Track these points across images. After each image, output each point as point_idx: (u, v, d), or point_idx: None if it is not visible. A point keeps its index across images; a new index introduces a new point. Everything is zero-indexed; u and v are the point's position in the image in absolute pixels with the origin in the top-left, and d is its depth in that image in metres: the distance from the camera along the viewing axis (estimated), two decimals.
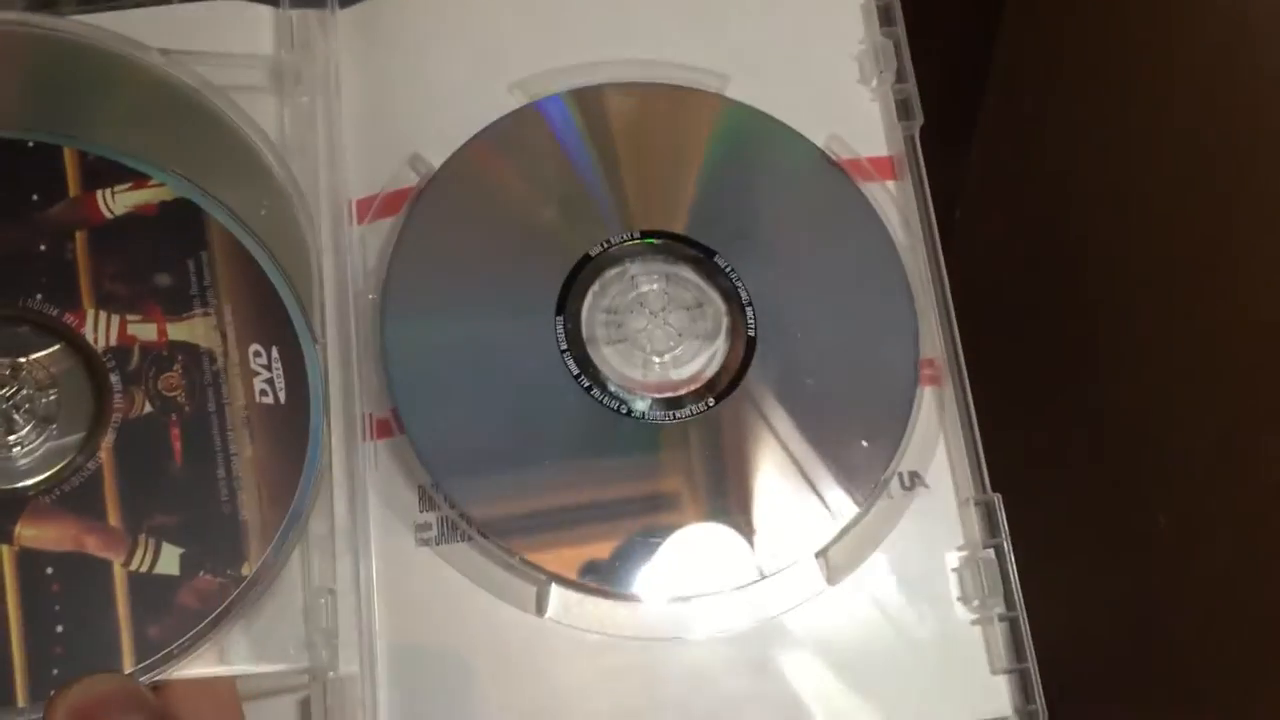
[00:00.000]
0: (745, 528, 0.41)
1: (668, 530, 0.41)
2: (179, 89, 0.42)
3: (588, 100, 0.45)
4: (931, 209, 0.45)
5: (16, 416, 0.39)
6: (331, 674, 0.38)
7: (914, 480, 0.43)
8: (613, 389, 0.42)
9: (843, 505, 0.41)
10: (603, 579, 0.40)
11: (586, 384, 0.42)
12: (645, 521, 0.41)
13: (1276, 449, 0.43)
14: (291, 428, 0.39)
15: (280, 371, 0.40)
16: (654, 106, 0.45)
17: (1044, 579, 0.40)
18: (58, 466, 0.39)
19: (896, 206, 0.45)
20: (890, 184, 0.45)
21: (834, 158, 0.45)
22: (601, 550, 0.40)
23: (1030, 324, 0.57)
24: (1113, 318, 0.52)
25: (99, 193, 0.40)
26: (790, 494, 0.41)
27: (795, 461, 0.42)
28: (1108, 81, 0.50)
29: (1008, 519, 0.41)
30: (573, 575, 0.40)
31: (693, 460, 0.42)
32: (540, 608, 0.40)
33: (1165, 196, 0.48)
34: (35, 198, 0.40)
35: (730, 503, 0.41)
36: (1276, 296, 0.43)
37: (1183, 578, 0.49)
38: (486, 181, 0.44)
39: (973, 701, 0.41)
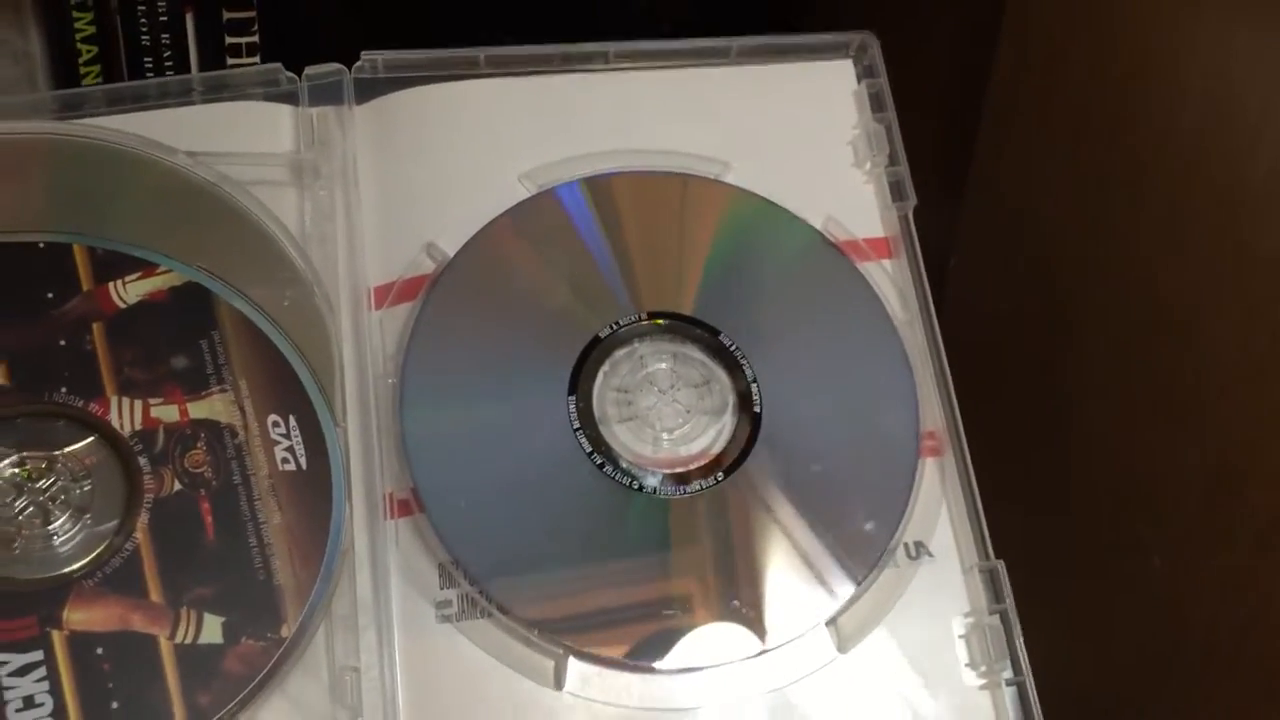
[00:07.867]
0: (757, 598, 0.42)
1: (681, 602, 0.42)
2: (203, 187, 0.44)
3: (599, 188, 0.46)
4: (927, 285, 0.46)
5: (53, 508, 0.40)
6: None
7: (919, 550, 0.44)
8: (624, 465, 0.43)
9: (850, 575, 0.43)
10: (618, 651, 0.41)
11: (599, 461, 0.43)
12: (659, 594, 0.42)
13: (1265, 495, 0.44)
14: (315, 490, 0.41)
15: (299, 438, 0.41)
16: (661, 193, 0.47)
17: (1048, 633, 0.41)
18: (98, 550, 0.40)
19: (893, 284, 0.47)
20: (886, 262, 0.47)
21: (831, 239, 0.47)
22: (616, 623, 0.42)
23: (1023, 366, 0.58)
24: (1104, 361, 0.53)
25: (111, 284, 0.42)
26: (799, 564, 0.43)
27: (803, 532, 0.43)
28: (1098, 132, 0.51)
29: (1014, 577, 0.42)
30: (589, 648, 0.41)
31: (703, 533, 0.43)
32: (558, 681, 0.41)
33: (1156, 244, 0.49)
34: (50, 295, 0.42)
35: (742, 574, 0.42)
36: (1263, 340, 0.44)
37: (1180, 619, 0.49)
38: (499, 267, 0.45)
39: None
